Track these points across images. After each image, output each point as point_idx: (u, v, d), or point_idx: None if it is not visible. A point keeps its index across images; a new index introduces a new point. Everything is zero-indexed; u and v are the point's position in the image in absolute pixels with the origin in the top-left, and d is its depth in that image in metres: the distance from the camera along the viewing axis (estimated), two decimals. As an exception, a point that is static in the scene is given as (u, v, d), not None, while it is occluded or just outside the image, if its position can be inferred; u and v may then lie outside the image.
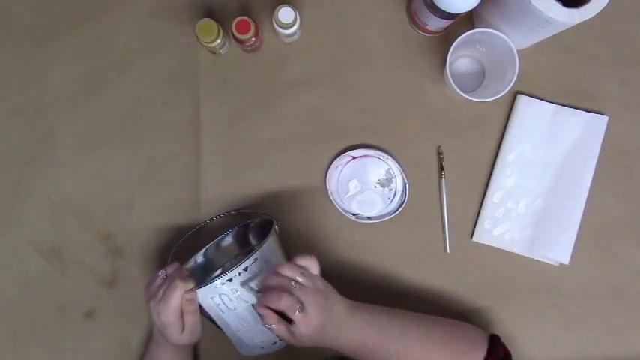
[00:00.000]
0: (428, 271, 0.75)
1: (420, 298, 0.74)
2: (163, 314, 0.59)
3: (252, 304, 0.60)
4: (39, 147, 0.76)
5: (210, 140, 0.76)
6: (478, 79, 0.76)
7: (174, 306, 0.58)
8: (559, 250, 0.74)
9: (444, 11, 0.65)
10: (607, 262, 0.75)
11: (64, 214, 0.75)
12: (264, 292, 0.56)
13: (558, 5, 0.59)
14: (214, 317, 0.62)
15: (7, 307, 0.75)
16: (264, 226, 0.70)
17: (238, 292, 0.59)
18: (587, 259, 0.75)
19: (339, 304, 0.59)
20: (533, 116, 0.75)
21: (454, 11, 0.64)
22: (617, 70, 0.76)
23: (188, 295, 0.59)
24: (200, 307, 0.61)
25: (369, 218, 0.74)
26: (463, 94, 0.68)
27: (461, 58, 0.76)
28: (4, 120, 0.76)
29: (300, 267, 0.58)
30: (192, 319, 0.61)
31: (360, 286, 0.74)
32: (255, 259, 0.59)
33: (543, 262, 0.75)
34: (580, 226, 0.74)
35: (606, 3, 0.59)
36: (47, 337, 0.75)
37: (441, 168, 0.75)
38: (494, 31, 0.68)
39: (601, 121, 0.75)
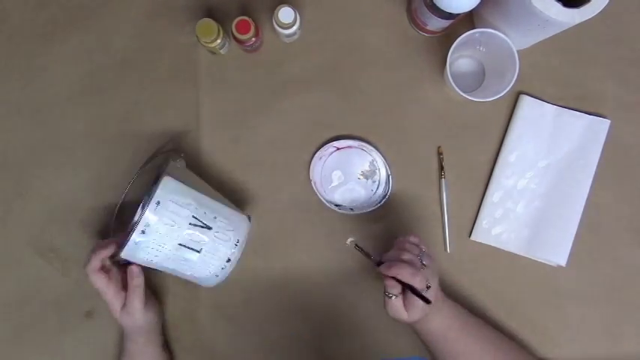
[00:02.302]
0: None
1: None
2: (91, 278, 0.63)
3: (180, 244, 0.62)
4: (39, 147, 0.76)
5: (210, 140, 0.76)
6: (478, 79, 0.76)
7: (94, 267, 0.63)
8: (556, 252, 0.74)
9: (444, 11, 0.65)
10: (607, 262, 0.75)
11: (64, 214, 0.75)
12: (390, 263, 0.59)
13: (558, 5, 0.59)
14: (159, 269, 0.64)
15: (7, 307, 0.75)
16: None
17: (158, 240, 0.61)
18: (587, 260, 0.75)
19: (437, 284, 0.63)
20: (535, 117, 0.75)
21: (454, 11, 0.64)
22: (618, 70, 0.76)
23: (134, 268, 0.64)
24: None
25: (351, 210, 0.75)
26: (463, 95, 0.68)
27: (461, 58, 0.76)
28: (4, 120, 0.76)
29: (421, 245, 0.62)
30: (132, 297, 0.64)
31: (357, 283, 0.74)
32: (158, 203, 0.60)
33: (542, 263, 0.75)
34: (580, 227, 0.74)
35: (606, 3, 0.59)
36: (47, 337, 0.75)
37: (441, 168, 0.75)
38: (494, 31, 0.68)
39: (603, 125, 0.75)
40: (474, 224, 0.75)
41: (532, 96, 0.75)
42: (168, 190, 0.61)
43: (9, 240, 0.75)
